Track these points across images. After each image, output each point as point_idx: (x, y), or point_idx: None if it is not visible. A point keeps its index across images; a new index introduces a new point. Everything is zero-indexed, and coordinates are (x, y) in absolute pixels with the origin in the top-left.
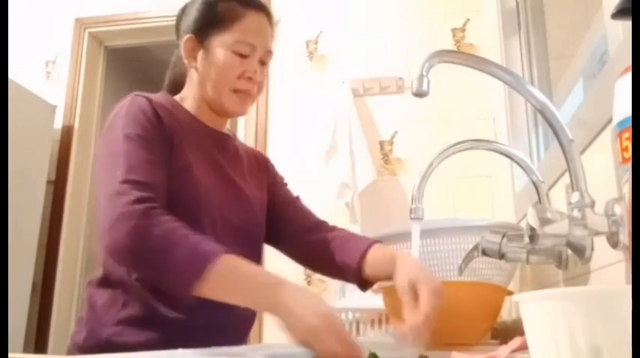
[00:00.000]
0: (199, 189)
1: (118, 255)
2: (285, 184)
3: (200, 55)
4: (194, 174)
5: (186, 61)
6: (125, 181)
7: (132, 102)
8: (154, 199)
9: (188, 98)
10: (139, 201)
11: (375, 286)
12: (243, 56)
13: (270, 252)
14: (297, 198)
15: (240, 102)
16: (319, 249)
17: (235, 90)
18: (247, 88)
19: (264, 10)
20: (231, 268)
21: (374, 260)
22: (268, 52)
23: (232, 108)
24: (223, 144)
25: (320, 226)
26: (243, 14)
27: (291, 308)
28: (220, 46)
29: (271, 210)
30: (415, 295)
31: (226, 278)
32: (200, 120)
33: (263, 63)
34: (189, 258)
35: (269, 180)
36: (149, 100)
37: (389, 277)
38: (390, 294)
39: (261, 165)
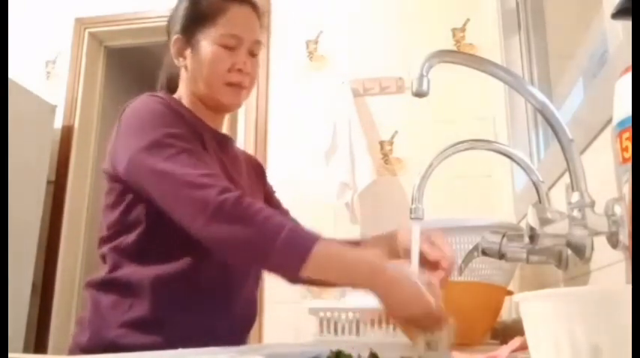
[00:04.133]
0: None
1: (222, 246)
2: (275, 192)
3: (188, 53)
4: None
5: (175, 61)
6: (202, 175)
7: (158, 102)
8: (231, 188)
9: (183, 98)
10: (224, 190)
11: None
12: (230, 49)
13: None
14: (287, 212)
15: (234, 95)
16: None
17: (228, 84)
18: (239, 80)
19: (248, 2)
20: (330, 252)
21: (372, 239)
22: (256, 43)
23: (227, 101)
24: (226, 146)
25: None
26: (227, 7)
27: (389, 296)
28: (207, 41)
29: None
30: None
31: (326, 262)
32: (203, 120)
33: (252, 54)
34: (292, 245)
35: (265, 187)
36: (168, 101)
37: (390, 248)
38: None
39: (258, 171)
